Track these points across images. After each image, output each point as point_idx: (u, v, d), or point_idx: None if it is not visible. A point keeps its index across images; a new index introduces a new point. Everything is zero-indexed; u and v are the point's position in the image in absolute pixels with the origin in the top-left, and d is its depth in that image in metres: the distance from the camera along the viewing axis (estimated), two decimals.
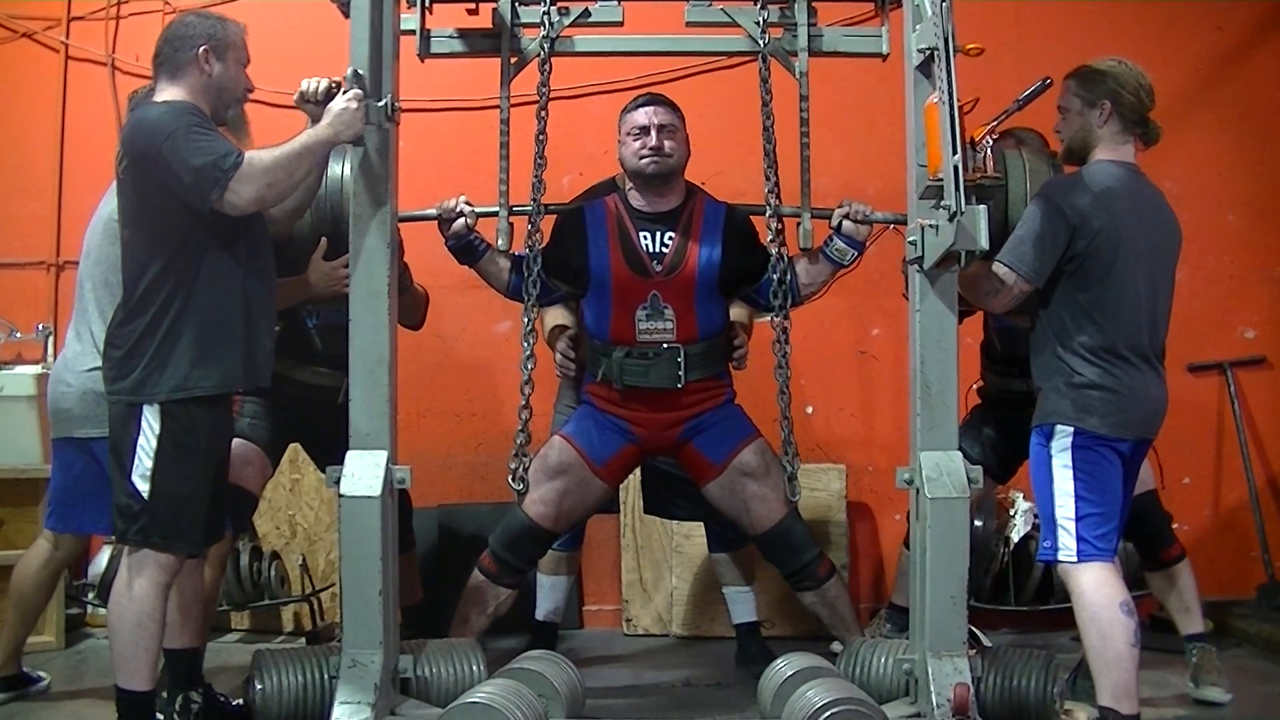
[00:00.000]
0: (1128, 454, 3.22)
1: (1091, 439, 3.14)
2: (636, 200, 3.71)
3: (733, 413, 3.74)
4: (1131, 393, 3.17)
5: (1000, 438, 4.02)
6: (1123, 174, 3.25)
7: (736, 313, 3.87)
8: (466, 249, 3.59)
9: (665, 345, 3.60)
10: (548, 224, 3.66)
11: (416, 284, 3.98)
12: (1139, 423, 3.22)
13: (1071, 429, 3.15)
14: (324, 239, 3.64)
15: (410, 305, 3.82)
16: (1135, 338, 3.19)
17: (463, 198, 3.54)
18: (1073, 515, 3.14)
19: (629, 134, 3.67)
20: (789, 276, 3.56)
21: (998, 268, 3.20)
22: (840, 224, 3.53)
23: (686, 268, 3.62)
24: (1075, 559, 3.13)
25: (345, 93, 3.10)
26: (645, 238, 3.65)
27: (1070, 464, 3.15)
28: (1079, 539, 3.13)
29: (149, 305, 3.03)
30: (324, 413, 3.77)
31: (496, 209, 3.57)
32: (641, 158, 3.63)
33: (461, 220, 3.53)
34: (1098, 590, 3.10)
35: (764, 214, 3.57)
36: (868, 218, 3.52)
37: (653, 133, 3.63)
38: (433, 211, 3.52)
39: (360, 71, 3.13)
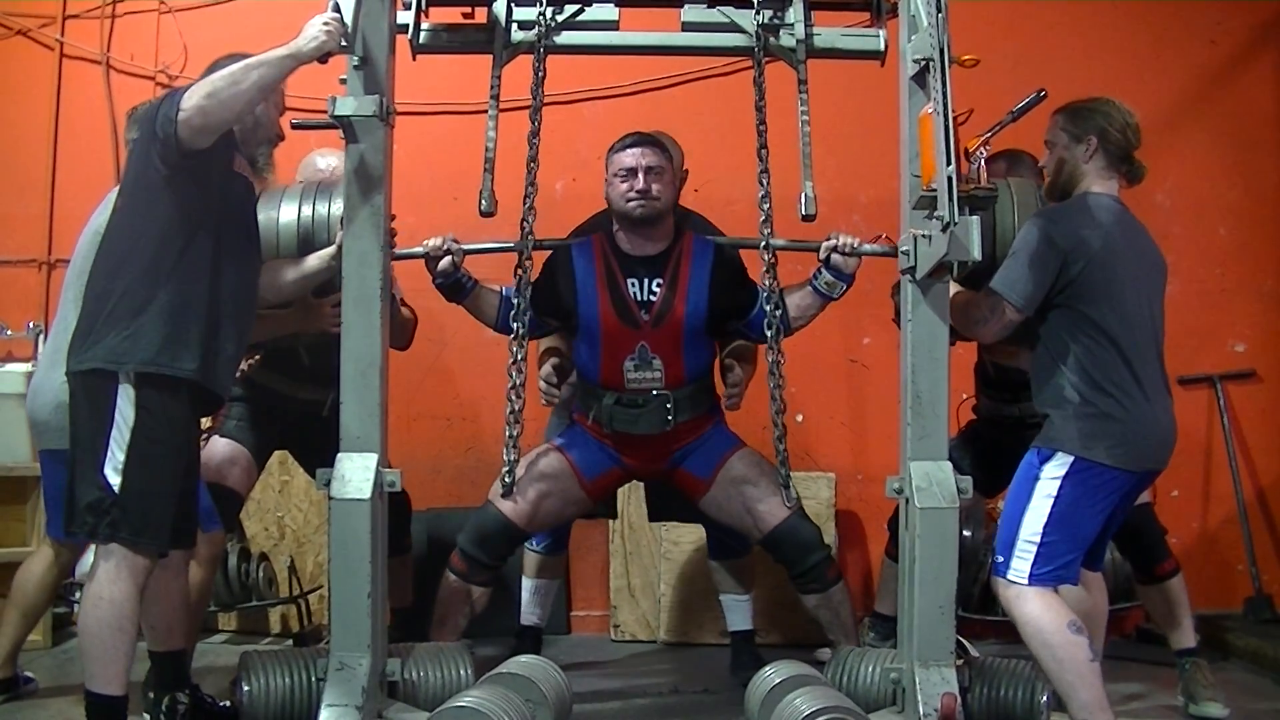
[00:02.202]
0: (1129, 486, 3.18)
1: (1090, 466, 3.09)
2: (624, 243, 3.69)
3: (717, 431, 3.75)
4: (1141, 424, 3.13)
5: (992, 455, 3.98)
6: (1111, 205, 3.26)
7: (737, 349, 3.89)
8: (454, 286, 3.57)
9: (654, 392, 3.61)
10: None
11: (405, 306, 3.95)
12: (1148, 455, 3.18)
13: (1072, 458, 3.10)
14: None
15: (398, 327, 3.78)
16: (1143, 364, 3.16)
17: (450, 236, 3.50)
18: (1036, 540, 3.10)
19: (616, 175, 3.65)
20: (779, 310, 3.53)
21: (988, 295, 3.20)
22: (829, 257, 3.52)
23: (674, 317, 3.61)
24: (1025, 582, 3.10)
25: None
26: (633, 284, 3.64)
27: (1055, 493, 3.10)
28: (1034, 564, 3.09)
29: (128, 277, 3.02)
30: (311, 423, 3.78)
31: (483, 246, 3.55)
32: (629, 200, 3.61)
33: (448, 259, 3.50)
34: (1043, 615, 3.06)
35: (755, 246, 3.51)
36: (855, 250, 3.50)
37: (640, 175, 3.60)
38: (420, 250, 3.47)
39: (340, 3, 3.02)
